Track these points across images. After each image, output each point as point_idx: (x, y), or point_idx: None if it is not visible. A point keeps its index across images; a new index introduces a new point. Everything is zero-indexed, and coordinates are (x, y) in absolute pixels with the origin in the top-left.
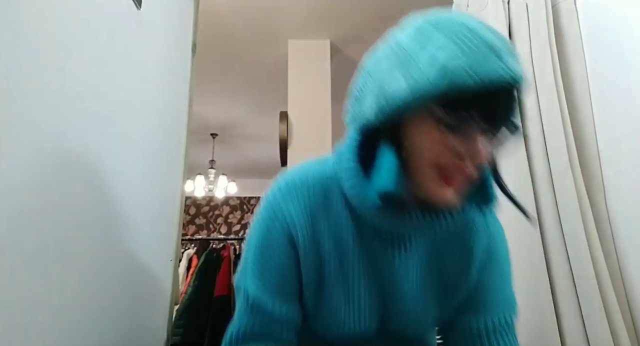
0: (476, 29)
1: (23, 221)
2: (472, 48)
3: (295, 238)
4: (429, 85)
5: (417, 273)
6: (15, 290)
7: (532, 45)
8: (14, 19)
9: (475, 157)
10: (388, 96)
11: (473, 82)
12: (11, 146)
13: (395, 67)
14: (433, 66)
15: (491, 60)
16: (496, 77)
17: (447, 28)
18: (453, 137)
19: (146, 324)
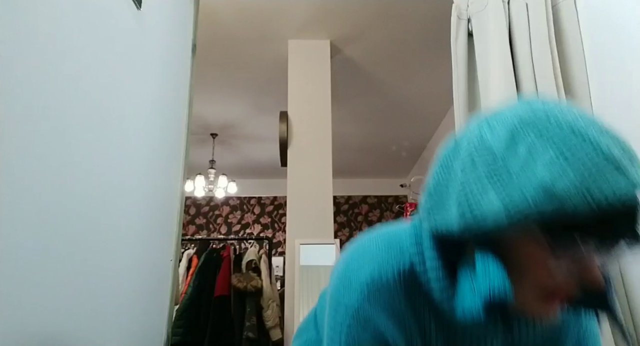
0: (587, 132)
1: (25, 220)
2: (584, 161)
3: (386, 335)
4: (530, 208)
5: None
6: (15, 290)
7: (532, 45)
8: (14, 19)
9: (589, 284)
10: (476, 214)
11: (587, 207)
12: (9, 140)
13: (486, 178)
14: (534, 185)
15: (609, 176)
16: (616, 197)
17: (550, 133)
18: (562, 261)
19: (146, 324)
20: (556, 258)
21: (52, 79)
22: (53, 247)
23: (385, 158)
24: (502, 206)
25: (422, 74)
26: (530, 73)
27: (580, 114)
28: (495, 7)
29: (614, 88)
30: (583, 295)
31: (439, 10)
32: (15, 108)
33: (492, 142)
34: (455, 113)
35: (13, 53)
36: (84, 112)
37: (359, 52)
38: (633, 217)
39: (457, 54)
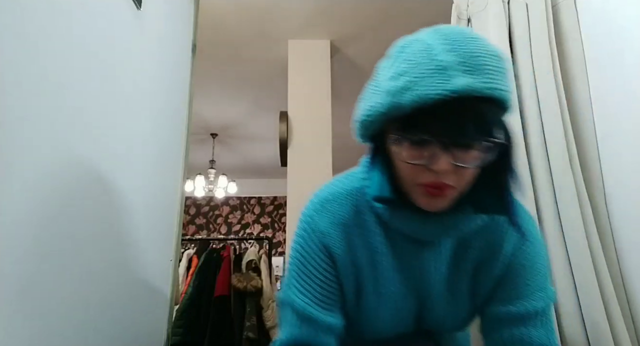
0: (437, 47)
1: (25, 223)
2: (421, 69)
3: (331, 251)
4: (378, 105)
5: (447, 272)
6: (15, 290)
7: (532, 45)
8: (14, 19)
9: (438, 171)
10: (357, 119)
11: (411, 100)
12: (12, 144)
13: (370, 91)
14: (385, 88)
15: (436, 79)
16: (434, 93)
17: (413, 49)
18: (414, 154)
19: (146, 324)
20: (413, 150)
21: (51, 79)
22: (53, 247)
23: None
24: (365, 108)
25: None
26: (530, 73)
27: (451, 38)
28: (495, 7)
29: (614, 88)
30: (487, 200)
31: (439, 10)
32: (14, 113)
33: (384, 61)
34: None
35: (10, 54)
36: (83, 112)
37: (359, 52)
38: (470, 117)
39: None
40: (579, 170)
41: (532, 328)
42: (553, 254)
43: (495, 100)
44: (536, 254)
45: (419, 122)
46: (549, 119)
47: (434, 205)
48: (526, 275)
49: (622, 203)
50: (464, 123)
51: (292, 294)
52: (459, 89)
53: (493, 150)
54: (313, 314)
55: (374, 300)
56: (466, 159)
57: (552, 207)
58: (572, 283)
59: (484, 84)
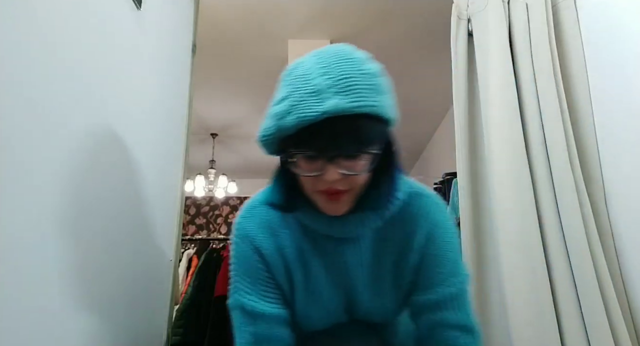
0: (313, 72)
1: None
2: (297, 95)
3: (262, 252)
4: (268, 128)
5: (369, 266)
6: (14, 290)
7: (532, 45)
8: (13, 19)
9: (328, 181)
10: (256, 140)
11: (294, 123)
12: (13, 145)
13: (267, 113)
14: (271, 113)
15: (310, 103)
16: (310, 116)
17: (294, 76)
18: (308, 167)
19: (146, 324)
20: (301, 164)
21: (50, 79)
22: (52, 247)
23: None
24: (261, 131)
25: (422, 74)
26: (530, 73)
27: (326, 63)
28: (495, 7)
29: (614, 88)
30: (380, 198)
31: (439, 10)
32: (13, 118)
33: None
34: (455, 113)
35: (11, 53)
36: (83, 112)
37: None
38: (345, 131)
39: (457, 54)
40: (579, 170)
41: (447, 312)
42: (553, 254)
43: (370, 115)
44: (446, 243)
45: (303, 140)
46: (549, 119)
47: (334, 209)
48: (438, 263)
49: (622, 203)
50: (339, 139)
51: (239, 296)
52: (329, 110)
53: (374, 157)
54: (262, 310)
55: (305, 295)
56: (352, 167)
57: (552, 207)
58: (572, 283)
59: (352, 103)
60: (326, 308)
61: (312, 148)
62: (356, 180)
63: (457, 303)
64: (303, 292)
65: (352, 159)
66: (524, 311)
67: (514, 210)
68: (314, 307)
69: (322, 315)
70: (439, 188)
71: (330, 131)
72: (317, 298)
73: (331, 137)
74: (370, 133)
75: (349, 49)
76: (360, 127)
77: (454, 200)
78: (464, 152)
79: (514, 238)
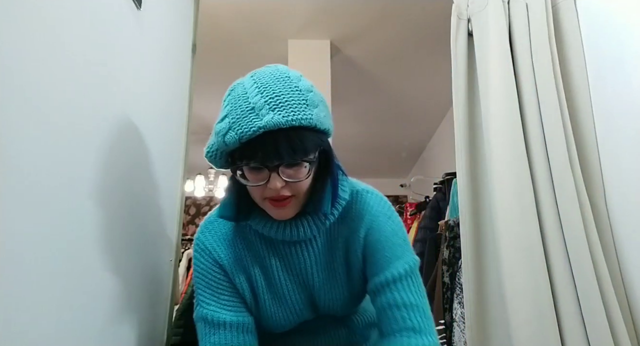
0: (249, 91)
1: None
2: (236, 113)
3: (221, 263)
4: (213, 144)
5: (324, 263)
6: (15, 290)
7: (532, 45)
8: (13, 19)
9: (273, 189)
10: (204, 155)
11: (235, 138)
12: (12, 148)
13: (210, 138)
14: (215, 130)
15: (247, 119)
16: (248, 132)
17: (233, 96)
18: (254, 177)
19: (146, 324)
20: (251, 174)
21: (49, 79)
22: (52, 246)
23: (385, 158)
24: (207, 147)
25: (422, 74)
26: (530, 73)
27: (261, 79)
28: (495, 7)
29: (614, 88)
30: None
31: (439, 10)
32: (11, 115)
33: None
34: (455, 113)
35: (9, 54)
36: (82, 112)
37: (359, 52)
38: (282, 142)
39: (457, 54)
40: (578, 170)
41: (396, 292)
42: (553, 254)
43: (303, 127)
44: (387, 229)
45: (246, 154)
46: (549, 119)
47: (283, 214)
48: (382, 248)
49: (622, 203)
50: (278, 149)
51: (201, 308)
52: (265, 125)
53: (312, 164)
54: (224, 318)
55: (271, 298)
56: (294, 175)
57: (552, 207)
58: (572, 283)
59: (286, 117)
60: (292, 308)
61: (254, 160)
62: (299, 186)
63: (405, 284)
64: (269, 295)
65: (292, 167)
66: (524, 311)
67: (514, 210)
68: (280, 309)
69: (290, 315)
70: (439, 188)
71: (269, 143)
72: (282, 300)
73: (271, 148)
74: (306, 143)
75: (283, 69)
76: (295, 138)
77: (454, 200)
78: (464, 152)
79: (514, 238)
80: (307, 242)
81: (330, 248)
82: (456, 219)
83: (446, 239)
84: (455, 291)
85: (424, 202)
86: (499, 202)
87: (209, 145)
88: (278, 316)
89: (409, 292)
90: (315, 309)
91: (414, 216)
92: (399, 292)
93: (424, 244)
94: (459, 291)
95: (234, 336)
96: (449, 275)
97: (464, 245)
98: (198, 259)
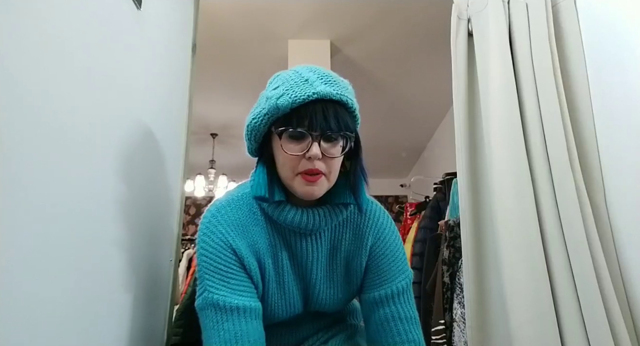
0: (304, 71)
1: (24, 217)
2: (291, 82)
3: (234, 246)
4: (262, 110)
5: (326, 261)
6: (15, 290)
7: (532, 45)
8: (12, 19)
9: (312, 156)
10: (246, 126)
11: (286, 102)
12: (12, 148)
13: (255, 106)
14: (265, 98)
15: (301, 87)
16: (302, 96)
17: (284, 74)
18: (293, 147)
19: (146, 324)
20: (291, 143)
21: (49, 79)
22: (52, 246)
23: (385, 158)
24: (251, 116)
25: (422, 74)
26: (530, 73)
27: (312, 66)
28: (495, 7)
29: (614, 88)
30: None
31: (439, 10)
32: (10, 119)
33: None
34: (455, 113)
35: (9, 54)
36: (82, 112)
37: (359, 52)
38: (330, 114)
39: (457, 54)
40: (578, 169)
41: (398, 305)
42: (553, 254)
43: (346, 106)
44: (393, 242)
45: (294, 120)
46: (549, 119)
47: (311, 191)
48: (388, 261)
49: (622, 203)
50: (326, 117)
51: (210, 294)
52: (319, 91)
53: (348, 142)
54: (237, 303)
55: (274, 288)
56: (329, 150)
57: (552, 207)
58: (572, 283)
59: (337, 91)
60: (290, 299)
61: (301, 126)
62: (332, 164)
63: (406, 297)
64: (274, 285)
65: (330, 142)
66: (524, 311)
67: (514, 210)
68: (281, 299)
69: (286, 307)
70: (439, 189)
71: (318, 111)
72: (284, 290)
73: (320, 115)
74: (347, 120)
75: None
76: (340, 112)
77: (454, 200)
78: (464, 152)
79: (514, 238)
80: (314, 237)
81: (332, 249)
82: (456, 219)
83: (446, 239)
84: (455, 291)
85: (424, 202)
86: (499, 202)
87: (255, 113)
88: (278, 305)
89: (409, 305)
90: (306, 304)
91: (414, 216)
92: (402, 305)
93: (424, 244)
94: (459, 291)
95: (248, 322)
96: (449, 275)
97: (464, 245)
98: (206, 242)
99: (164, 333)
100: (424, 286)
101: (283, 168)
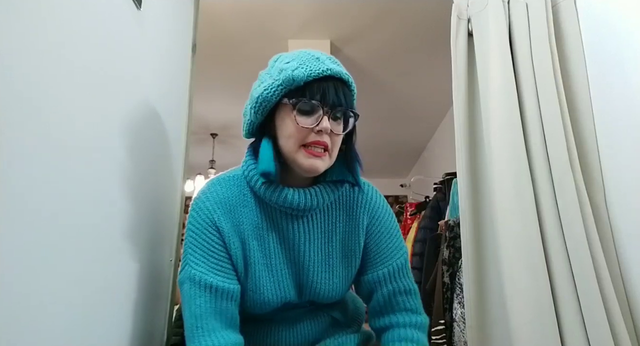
0: (310, 51)
1: (23, 223)
2: (302, 58)
3: (218, 225)
4: (274, 81)
5: (320, 244)
6: (15, 290)
7: (532, 45)
8: (12, 19)
9: (323, 129)
10: (253, 99)
11: (302, 74)
12: (12, 145)
13: (261, 81)
14: (278, 71)
15: (314, 63)
16: (317, 71)
17: (291, 53)
18: (303, 120)
19: (146, 324)
20: (301, 115)
21: (49, 79)
22: (51, 246)
23: (385, 158)
24: (262, 88)
25: (422, 74)
26: (530, 73)
27: (315, 51)
28: (495, 7)
29: (614, 88)
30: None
31: (439, 10)
32: (10, 119)
33: (270, 61)
34: (455, 113)
35: (9, 54)
36: (82, 112)
37: (359, 52)
38: (340, 91)
39: (457, 54)
40: (578, 169)
41: (399, 281)
42: (553, 254)
43: (350, 87)
44: (388, 220)
45: (307, 92)
46: (549, 119)
47: (315, 165)
48: (386, 240)
49: (622, 203)
50: (337, 93)
51: (190, 268)
52: (330, 68)
53: (351, 121)
54: (211, 281)
55: (261, 270)
56: (336, 128)
57: (552, 207)
58: (572, 283)
59: (343, 71)
60: (280, 282)
61: (314, 99)
62: (336, 140)
63: (405, 272)
64: (262, 266)
65: (336, 120)
66: (524, 311)
67: (514, 210)
68: (269, 281)
69: (277, 291)
70: (439, 189)
71: (330, 87)
72: (273, 272)
73: (332, 91)
74: (353, 100)
75: None
76: (347, 91)
77: (454, 200)
78: (464, 152)
79: (514, 238)
80: (306, 219)
81: (326, 230)
82: (456, 219)
83: (446, 239)
84: (455, 291)
85: (424, 202)
86: (499, 202)
87: (266, 84)
88: (267, 289)
89: (409, 279)
90: (300, 289)
91: (414, 216)
92: (402, 280)
93: (424, 244)
94: (459, 291)
95: (219, 301)
96: (449, 275)
97: (464, 245)
98: (194, 218)
99: (164, 333)
100: (424, 286)
101: (289, 141)
